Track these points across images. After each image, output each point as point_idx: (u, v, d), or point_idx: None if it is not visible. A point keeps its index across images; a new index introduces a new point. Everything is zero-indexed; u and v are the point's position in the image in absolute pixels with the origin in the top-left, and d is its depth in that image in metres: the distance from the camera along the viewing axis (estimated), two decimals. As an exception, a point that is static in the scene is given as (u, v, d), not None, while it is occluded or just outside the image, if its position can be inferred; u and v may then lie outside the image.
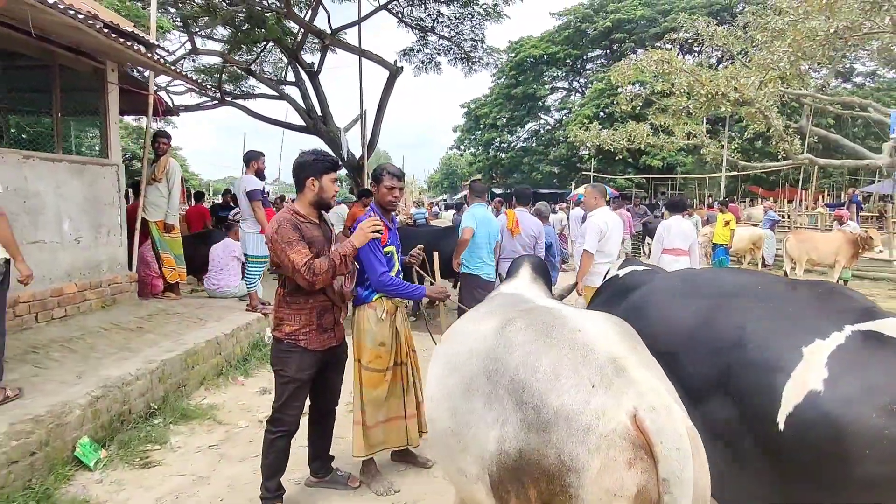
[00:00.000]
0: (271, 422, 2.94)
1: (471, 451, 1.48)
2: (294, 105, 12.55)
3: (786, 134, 16.66)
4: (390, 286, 3.14)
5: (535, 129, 36.73)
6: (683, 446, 1.14)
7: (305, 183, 2.95)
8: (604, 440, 1.16)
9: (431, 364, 1.88)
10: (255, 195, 6.03)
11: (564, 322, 1.45)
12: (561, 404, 1.23)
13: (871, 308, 1.42)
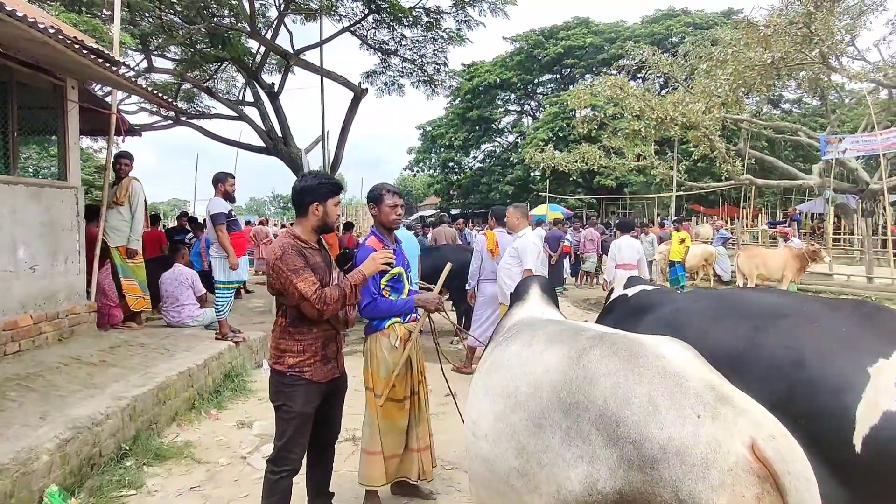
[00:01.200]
0: (274, 461, 2.76)
1: (542, 492, 1.41)
2: (253, 126, 12.25)
3: (728, 156, 17.67)
4: (376, 313, 3.08)
5: (492, 150, 37.41)
6: (810, 475, 1.13)
7: (309, 208, 2.84)
8: (728, 475, 1.11)
9: (476, 399, 1.79)
10: (219, 219, 5.78)
11: (644, 348, 1.41)
12: (667, 438, 1.18)
13: (922, 326, 1.49)
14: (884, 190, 14.34)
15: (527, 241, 5.32)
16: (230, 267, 5.73)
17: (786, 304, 1.70)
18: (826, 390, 1.40)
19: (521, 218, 5.52)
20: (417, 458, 3.25)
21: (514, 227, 5.56)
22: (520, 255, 5.26)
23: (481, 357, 2.42)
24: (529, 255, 5.22)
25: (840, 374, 1.41)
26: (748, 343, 1.63)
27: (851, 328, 1.51)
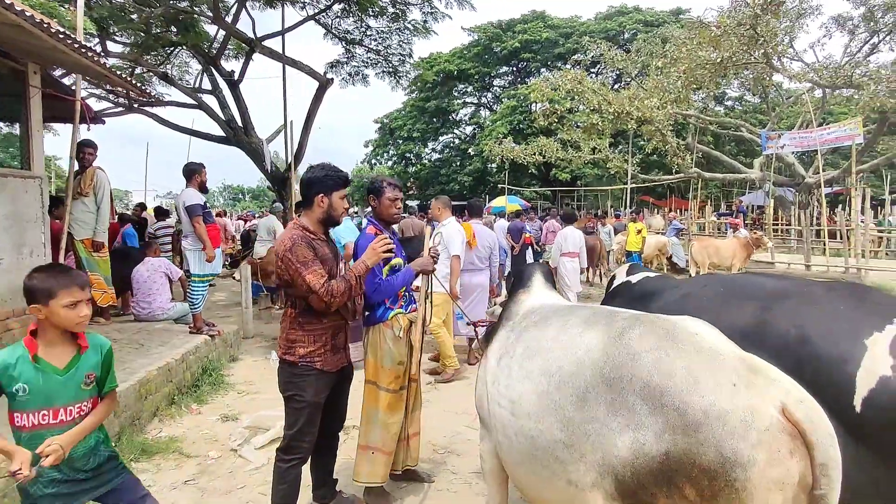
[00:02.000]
0: (284, 450, 2.79)
1: (588, 459, 1.54)
2: (212, 115, 11.87)
3: (678, 150, 18.47)
4: (385, 292, 3.09)
5: (450, 141, 37.49)
6: (832, 432, 1.30)
7: (314, 199, 2.86)
8: (765, 434, 1.28)
9: (515, 382, 1.88)
10: (196, 210, 5.66)
11: (680, 327, 1.56)
12: (709, 405, 1.33)
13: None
14: (819, 183, 15.37)
15: (451, 229, 5.54)
16: (207, 259, 5.62)
17: (788, 287, 1.90)
18: (830, 362, 1.60)
19: (443, 209, 5.75)
20: (405, 445, 3.31)
21: (438, 218, 5.78)
22: (445, 243, 5.47)
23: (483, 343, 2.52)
24: (455, 243, 5.50)
25: (841, 347, 1.61)
26: (758, 323, 1.82)
27: (847, 307, 1.72)
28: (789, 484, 1.27)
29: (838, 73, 16.92)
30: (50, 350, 1.93)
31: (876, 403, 1.50)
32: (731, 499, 1.27)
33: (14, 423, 1.88)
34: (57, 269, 2.02)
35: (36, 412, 1.88)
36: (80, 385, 1.97)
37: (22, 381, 1.85)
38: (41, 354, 1.90)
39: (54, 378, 1.91)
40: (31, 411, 1.87)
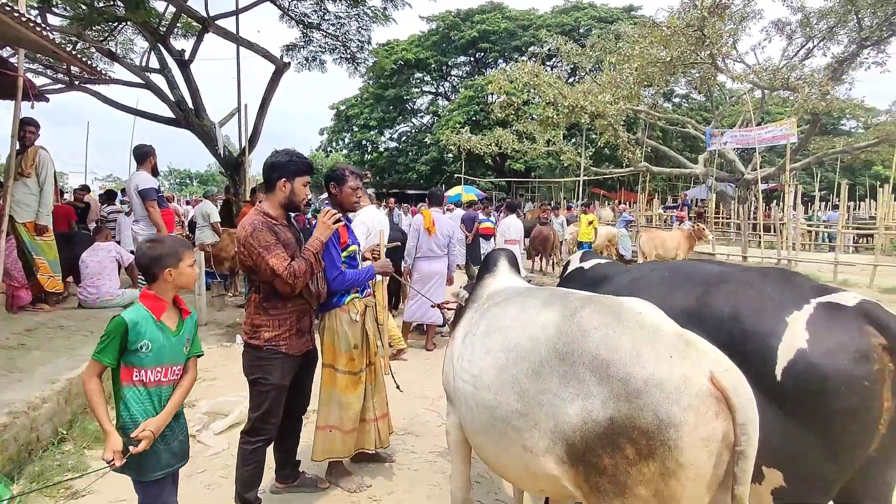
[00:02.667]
0: (249, 432, 2.84)
1: (542, 427, 1.69)
2: (160, 95, 11.40)
3: (629, 144, 19.12)
4: (348, 283, 3.16)
5: (407, 130, 37.27)
6: (752, 396, 1.49)
7: (276, 184, 2.89)
8: (695, 399, 1.45)
9: (477, 357, 2.02)
10: (150, 194, 5.52)
11: (626, 306, 1.72)
12: (649, 375, 1.49)
13: (822, 285, 1.94)
14: (757, 180, 16.28)
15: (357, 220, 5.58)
16: None
17: (726, 272, 2.11)
18: (757, 336, 1.80)
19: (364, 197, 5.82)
20: (374, 427, 3.39)
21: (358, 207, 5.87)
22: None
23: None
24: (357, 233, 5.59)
25: (767, 323, 1.81)
26: (698, 304, 2.01)
27: (775, 289, 1.92)
28: (714, 441, 1.45)
29: (776, 75, 17.89)
30: (165, 313, 2.15)
31: (793, 372, 1.70)
32: (664, 455, 1.44)
33: (131, 378, 2.04)
34: (168, 237, 2.35)
35: (153, 369, 2.08)
36: (183, 347, 2.19)
37: (146, 339, 2.05)
38: (161, 317, 2.12)
39: (170, 339, 2.13)
40: (150, 368, 2.07)
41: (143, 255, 2.14)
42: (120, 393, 2.05)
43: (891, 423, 1.68)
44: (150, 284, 2.16)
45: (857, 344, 1.66)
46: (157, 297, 2.14)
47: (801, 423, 1.70)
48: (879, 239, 13.64)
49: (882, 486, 1.82)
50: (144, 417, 2.03)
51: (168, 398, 2.12)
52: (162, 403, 2.10)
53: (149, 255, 2.13)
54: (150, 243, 2.18)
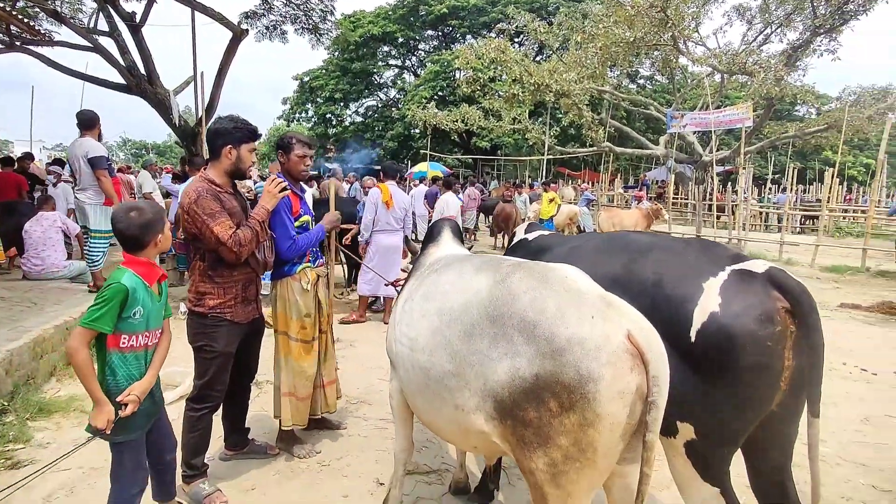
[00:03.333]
0: (195, 399, 2.84)
1: (472, 386, 1.78)
2: (110, 60, 10.88)
3: (593, 124, 19.35)
4: (301, 248, 3.18)
5: (373, 104, 36.65)
6: (663, 352, 1.60)
7: (221, 151, 2.86)
8: (612, 355, 1.55)
9: (414, 321, 2.09)
10: (101, 163, 5.34)
11: (554, 272, 1.81)
12: (572, 334, 1.58)
13: (738, 254, 2.06)
14: (713, 162, 16.77)
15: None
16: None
17: (654, 242, 2.22)
18: (676, 301, 1.92)
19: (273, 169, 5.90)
20: (321, 392, 3.45)
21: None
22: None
23: (395, 298, 2.71)
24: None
25: (686, 289, 1.93)
26: (626, 271, 2.12)
27: (695, 257, 2.04)
28: (629, 393, 1.56)
29: (735, 59, 18.34)
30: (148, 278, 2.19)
31: (705, 333, 1.83)
32: (584, 407, 1.54)
33: (119, 344, 2.08)
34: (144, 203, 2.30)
35: (143, 334, 2.15)
36: (162, 310, 2.27)
37: (140, 305, 2.10)
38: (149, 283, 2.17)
39: (155, 304, 2.19)
40: (140, 333, 2.13)
41: (132, 224, 2.14)
42: (105, 359, 2.08)
43: (791, 380, 1.82)
44: (136, 252, 2.18)
45: (764, 307, 1.79)
46: (150, 263, 2.20)
47: (712, 381, 1.83)
48: (823, 221, 14.31)
49: (783, 438, 1.99)
50: (128, 381, 2.09)
51: (150, 361, 2.20)
52: (146, 367, 2.17)
53: (137, 224, 2.14)
54: (134, 212, 2.17)
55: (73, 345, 2.00)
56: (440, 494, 2.98)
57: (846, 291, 9.26)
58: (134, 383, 2.10)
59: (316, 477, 3.13)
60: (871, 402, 4.46)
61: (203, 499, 2.79)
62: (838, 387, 4.74)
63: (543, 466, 1.62)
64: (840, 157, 16.65)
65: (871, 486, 3.23)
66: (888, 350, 5.88)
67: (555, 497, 1.62)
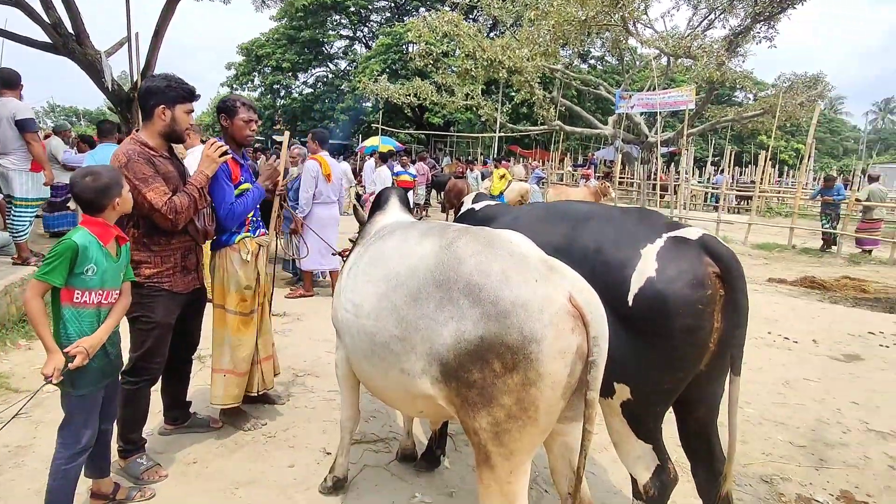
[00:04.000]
0: (130, 372, 2.72)
1: (418, 350, 1.78)
2: (32, 16, 10.02)
3: (544, 103, 19.52)
4: (239, 213, 3.07)
5: (323, 75, 35.50)
6: (602, 313, 1.65)
7: (154, 111, 2.71)
8: (554, 316, 1.59)
9: (359, 286, 2.07)
10: (31, 125, 4.98)
11: (499, 237, 1.82)
12: (516, 296, 1.61)
13: (674, 222, 2.15)
14: (657, 143, 17.31)
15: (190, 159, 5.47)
16: (45, 182, 5.00)
17: (594, 210, 2.28)
18: (615, 266, 1.98)
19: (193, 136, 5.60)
20: (258, 369, 3.35)
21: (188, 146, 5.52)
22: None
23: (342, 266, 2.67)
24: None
25: (623, 255, 1.99)
26: (567, 238, 2.17)
27: (634, 225, 2.11)
28: (570, 353, 1.61)
29: (680, 43, 18.84)
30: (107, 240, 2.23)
31: (642, 297, 1.90)
32: (527, 367, 1.58)
33: (72, 299, 2.12)
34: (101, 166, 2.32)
35: (96, 291, 2.17)
36: (121, 273, 2.29)
37: (92, 263, 2.13)
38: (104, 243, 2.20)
39: (112, 264, 2.22)
40: (93, 290, 2.16)
41: (87, 188, 2.16)
42: (59, 313, 2.13)
43: (719, 341, 1.93)
44: (95, 214, 2.20)
45: (696, 272, 1.88)
46: (106, 224, 2.22)
47: (647, 343, 1.92)
48: (755, 201, 15.11)
49: (711, 395, 2.11)
50: (79, 336, 2.13)
51: (104, 320, 2.23)
52: (100, 324, 2.21)
53: (94, 188, 2.16)
54: (90, 176, 2.18)
55: (27, 295, 2.08)
56: (387, 462, 3.02)
57: (774, 267, 9.87)
58: (84, 338, 2.14)
59: (261, 448, 3.10)
60: (790, 367, 4.80)
61: (140, 474, 2.70)
62: (763, 354, 5.07)
63: (487, 426, 1.66)
64: (773, 141, 17.52)
65: (789, 442, 3.50)
66: (808, 320, 6.34)
67: (497, 455, 1.67)
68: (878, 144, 53.68)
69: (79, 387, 2.15)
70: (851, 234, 11.63)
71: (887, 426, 3.73)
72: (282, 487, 2.72)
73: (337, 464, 2.66)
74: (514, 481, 1.69)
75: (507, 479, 1.68)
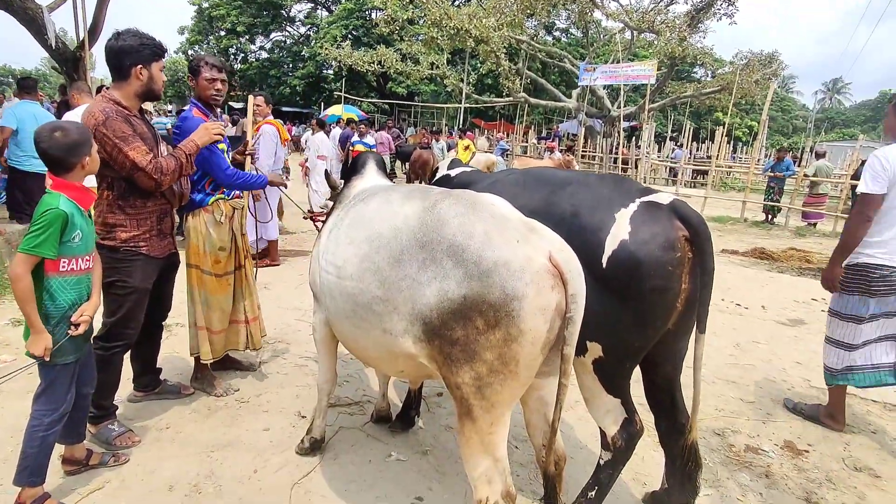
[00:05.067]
0: (105, 338, 2.66)
1: (400, 310, 1.82)
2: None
3: (510, 74, 19.45)
4: (238, 180, 3.09)
5: (281, 40, 34.19)
6: (580, 272, 1.72)
7: (131, 71, 2.62)
8: (535, 275, 1.65)
9: (340, 249, 2.07)
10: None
11: (481, 199, 1.86)
12: (498, 256, 1.66)
13: (647, 188, 2.23)
14: (620, 117, 17.59)
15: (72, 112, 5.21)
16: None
17: (571, 177, 2.34)
18: (590, 230, 2.05)
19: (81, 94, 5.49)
20: (245, 329, 3.39)
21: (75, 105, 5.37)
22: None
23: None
24: None
25: (599, 219, 2.06)
26: (545, 203, 2.22)
27: (608, 190, 2.18)
28: (549, 309, 1.68)
29: (644, 17, 19.01)
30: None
31: (615, 259, 1.98)
32: (508, 324, 1.64)
33: (58, 269, 2.06)
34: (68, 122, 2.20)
35: (83, 257, 2.13)
36: (94, 233, 2.25)
37: (78, 229, 2.08)
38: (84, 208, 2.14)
39: (90, 226, 2.19)
40: (80, 256, 2.12)
41: (56, 144, 2.04)
42: (43, 284, 2.05)
43: (686, 301, 2.04)
44: (63, 174, 2.09)
45: (667, 235, 1.97)
46: (82, 188, 2.14)
47: (619, 303, 2.01)
48: (711, 175, 15.62)
49: (675, 353, 2.24)
50: (69, 304, 2.09)
51: (88, 284, 2.19)
52: (85, 290, 2.17)
53: (63, 144, 2.06)
54: (59, 131, 2.07)
55: (18, 272, 1.97)
56: (362, 423, 3.07)
57: (727, 239, 10.30)
58: (84, 304, 2.14)
59: (235, 413, 3.10)
60: (741, 330, 5.09)
61: (113, 439, 2.68)
62: (717, 319, 5.35)
63: (469, 380, 1.72)
64: (729, 118, 18.05)
65: (739, 398, 3.74)
66: (758, 288, 6.69)
67: (479, 408, 1.74)
68: (825, 123, 56.06)
69: (64, 354, 2.12)
70: (798, 207, 12.22)
71: (827, 383, 4.03)
72: (258, 450, 2.75)
73: (314, 426, 2.70)
74: (495, 432, 1.77)
75: (488, 431, 1.76)
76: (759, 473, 2.88)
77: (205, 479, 2.49)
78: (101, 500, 2.32)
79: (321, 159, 9.09)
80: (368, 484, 2.54)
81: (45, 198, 2.07)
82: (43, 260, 2.02)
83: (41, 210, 2.02)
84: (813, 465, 2.99)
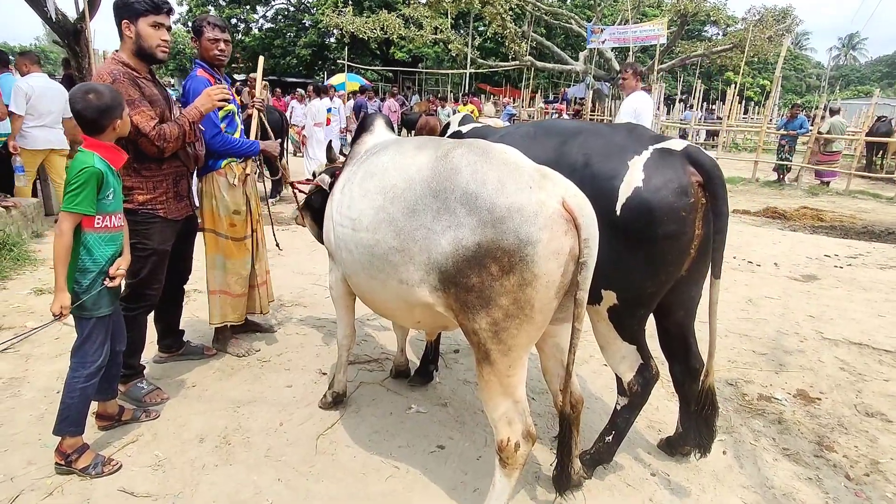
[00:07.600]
0: (129, 299, 2.72)
1: (416, 260, 1.85)
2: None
3: (515, 37, 19.04)
4: (223, 145, 3.06)
5: (283, 8, 33.55)
6: (593, 217, 1.73)
7: (121, 28, 2.59)
8: (549, 219, 1.66)
9: (355, 202, 2.09)
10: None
11: (493, 148, 1.87)
12: (511, 202, 1.67)
13: (660, 135, 2.22)
14: (629, 78, 17.17)
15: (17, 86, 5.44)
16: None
17: (582, 126, 2.33)
18: (603, 178, 2.06)
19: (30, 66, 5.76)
20: (256, 293, 3.44)
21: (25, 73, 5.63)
22: None
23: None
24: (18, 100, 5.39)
25: (612, 167, 2.07)
26: (557, 152, 2.23)
27: (621, 138, 2.18)
28: (563, 254, 1.70)
29: (654, -27, 18.38)
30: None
31: (629, 206, 2.00)
32: (523, 269, 1.67)
33: (93, 225, 2.13)
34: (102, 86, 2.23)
35: (116, 214, 2.22)
36: (122, 195, 2.32)
37: (112, 187, 2.17)
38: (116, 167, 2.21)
39: (120, 186, 2.27)
40: (112, 213, 2.19)
41: (90, 106, 2.09)
42: (81, 240, 2.12)
43: (699, 247, 2.06)
44: (94, 135, 2.15)
45: (680, 181, 1.98)
46: (114, 148, 2.21)
47: (633, 250, 2.03)
48: (722, 136, 15.36)
49: (689, 300, 2.27)
50: (106, 259, 2.18)
51: (121, 241, 2.27)
52: (121, 246, 2.26)
53: (96, 107, 2.10)
54: (92, 93, 2.11)
55: (64, 227, 2.06)
56: (382, 379, 3.16)
57: (739, 199, 10.20)
58: (120, 258, 2.24)
59: (258, 372, 3.19)
60: (753, 286, 5.10)
61: (143, 396, 2.77)
62: (729, 276, 5.36)
63: (486, 326, 1.76)
64: (741, 77, 17.62)
65: (752, 350, 3.78)
66: (770, 246, 6.66)
67: (497, 352, 1.78)
68: (839, 80, 54.59)
69: (102, 307, 2.21)
70: (811, 166, 12.03)
71: (839, 334, 4.06)
72: (282, 405, 2.84)
73: (336, 380, 2.78)
74: (514, 374, 1.82)
75: (506, 373, 1.81)
76: (772, 420, 2.94)
77: (233, 432, 2.58)
78: (136, 451, 2.42)
79: (318, 126, 9.12)
80: (391, 434, 2.63)
81: (78, 156, 2.12)
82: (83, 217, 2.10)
83: (77, 168, 2.07)
84: (825, 412, 3.04)
